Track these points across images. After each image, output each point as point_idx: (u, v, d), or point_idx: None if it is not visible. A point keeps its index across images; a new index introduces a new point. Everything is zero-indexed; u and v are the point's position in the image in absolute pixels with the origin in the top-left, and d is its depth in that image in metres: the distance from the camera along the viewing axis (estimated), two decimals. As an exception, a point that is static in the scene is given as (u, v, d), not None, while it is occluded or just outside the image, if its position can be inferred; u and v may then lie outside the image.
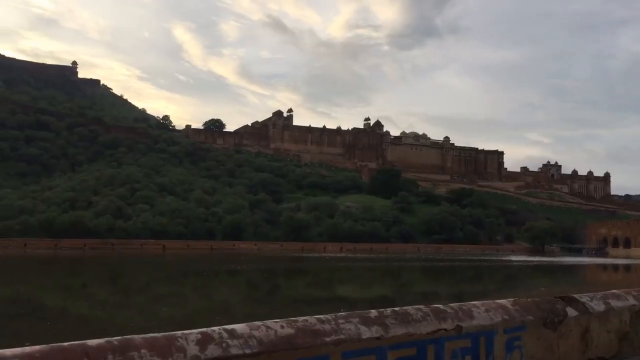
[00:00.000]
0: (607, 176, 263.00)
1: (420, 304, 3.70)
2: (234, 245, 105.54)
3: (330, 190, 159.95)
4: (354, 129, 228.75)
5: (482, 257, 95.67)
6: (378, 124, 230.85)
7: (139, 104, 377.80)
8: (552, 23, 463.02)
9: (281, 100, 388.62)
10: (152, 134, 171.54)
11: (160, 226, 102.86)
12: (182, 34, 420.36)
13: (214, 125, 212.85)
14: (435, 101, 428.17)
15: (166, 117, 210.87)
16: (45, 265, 61.40)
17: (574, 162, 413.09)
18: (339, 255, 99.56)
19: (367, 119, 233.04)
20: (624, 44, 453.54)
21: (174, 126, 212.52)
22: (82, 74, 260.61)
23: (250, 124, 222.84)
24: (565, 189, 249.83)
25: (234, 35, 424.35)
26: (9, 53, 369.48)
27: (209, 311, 25.20)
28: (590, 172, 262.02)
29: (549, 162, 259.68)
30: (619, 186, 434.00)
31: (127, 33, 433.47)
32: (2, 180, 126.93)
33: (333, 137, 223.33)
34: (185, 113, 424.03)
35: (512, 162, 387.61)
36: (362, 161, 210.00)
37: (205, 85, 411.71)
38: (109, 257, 75.48)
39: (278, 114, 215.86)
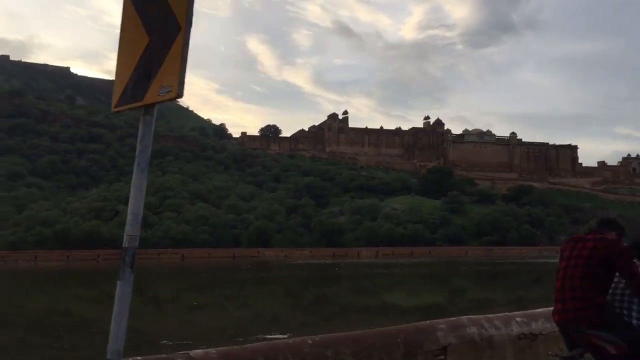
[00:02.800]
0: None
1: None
2: (258, 252, 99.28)
3: (378, 192, 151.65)
4: (413, 128, 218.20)
5: (535, 260, 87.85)
6: (439, 123, 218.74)
7: (217, 117, 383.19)
8: (636, 11, 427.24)
9: (356, 106, 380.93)
10: (202, 142, 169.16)
11: (182, 234, 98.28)
12: (256, 46, 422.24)
13: (270, 131, 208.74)
14: (515, 99, 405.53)
15: (222, 125, 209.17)
16: (57, 277, 58.67)
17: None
18: (373, 260, 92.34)
19: (427, 118, 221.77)
20: None
21: (231, 134, 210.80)
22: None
23: (307, 129, 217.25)
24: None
25: (306, 44, 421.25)
26: (96, 74, 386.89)
27: (258, 321, 24.10)
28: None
29: (629, 155, 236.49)
30: None
31: (205, 48, 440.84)
32: (50, 194, 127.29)
33: (391, 138, 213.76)
34: (262, 124, 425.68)
35: (598, 157, 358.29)
36: (421, 161, 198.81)
37: (281, 95, 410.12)
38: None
39: (333, 116, 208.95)
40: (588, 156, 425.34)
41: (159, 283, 50.51)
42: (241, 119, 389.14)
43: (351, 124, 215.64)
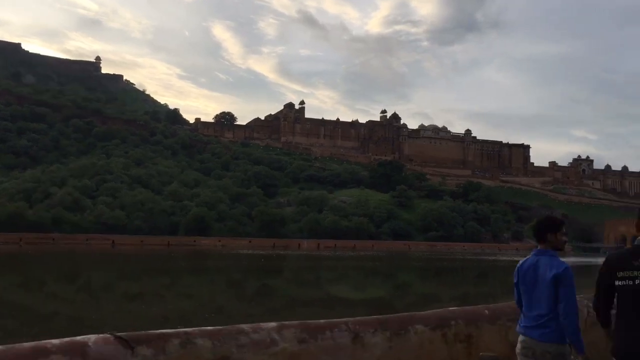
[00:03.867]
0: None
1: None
2: (194, 241, 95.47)
3: (329, 184, 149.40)
4: (369, 121, 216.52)
5: (478, 257, 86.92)
6: (395, 117, 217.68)
7: (179, 103, 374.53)
8: (599, 16, 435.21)
9: (320, 98, 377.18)
10: (152, 127, 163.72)
11: (115, 220, 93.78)
12: (222, 33, 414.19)
13: (225, 119, 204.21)
14: (477, 97, 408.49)
15: (176, 110, 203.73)
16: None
17: (621, 159, 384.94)
18: (313, 253, 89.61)
19: (384, 112, 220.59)
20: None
21: (186, 119, 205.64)
22: (126, 74, 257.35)
23: (263, 117, 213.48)
24: (597, 185, 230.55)
25: (272, 33, 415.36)
26: (56, 53, 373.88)
27: (202, 311, 22.84)
28: (624, 167, 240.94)
29: (579, 156, 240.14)
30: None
31: (168, 32, 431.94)
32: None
33: (347, 130, 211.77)
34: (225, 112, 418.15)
35: (554, 158, 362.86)
36: (376, 155, 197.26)
37: (245, 83, 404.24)
38: (50, 252, 68.02)
39: (289, 106, 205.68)
40: (544, 156, 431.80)
41: (89, 270, 48.56)
42: (204, 106, 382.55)
43: (315, 116, 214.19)
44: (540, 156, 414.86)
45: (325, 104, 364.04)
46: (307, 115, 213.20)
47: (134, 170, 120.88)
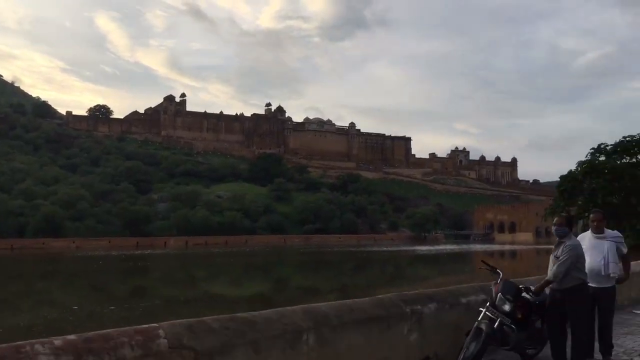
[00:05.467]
0: (514, 162, 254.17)
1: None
2: (43, 243, 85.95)
3: (206, 178, 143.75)
4: (254, 115, 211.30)
5: (355, 248, 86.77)
6: (280, 110, 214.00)
7: (62, 97, 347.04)
8: (478, 15, 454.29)
9: (213, 93, 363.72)
10: (13, 120, 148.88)
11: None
12: (106, 24, 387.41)
13: (100, 112, 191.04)
14: (367, 93, 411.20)
15: (44, 103, 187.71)
16: None
17: (498, 150, 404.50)
18: (180, 251, 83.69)
19: (268, 105, 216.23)
20: (545, 36, 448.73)
21: (58, 113, 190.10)
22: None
23: (143, 111, 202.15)
24: (473, 175, 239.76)
25: (160, 25, 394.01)
26: None
27: (72, 318, 20.42)
28: (497, 158, 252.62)
29: (457, 148, 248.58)
30: (531, 172, 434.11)
31: (48, 22, 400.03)
32: None
33: (231, 123, 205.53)
34: (114, 107, 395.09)
35: (438, 151, 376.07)
36: (261, 148, 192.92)
37: (134, 77, 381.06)
38: None
39: (169, 99, 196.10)
40: (428, 149, 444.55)
41: None
42: (90, 101, 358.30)
43: (209, 111, 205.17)
44: (425, 150, 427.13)
45: (218, 99, 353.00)
46: (197, 109, 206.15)
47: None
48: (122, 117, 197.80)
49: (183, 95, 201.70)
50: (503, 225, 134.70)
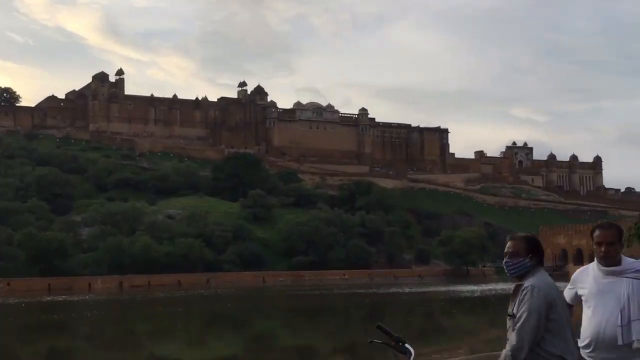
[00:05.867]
0: (598, 162, 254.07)
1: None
2: None
3: (150, 191, 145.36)
4: (222, 99, 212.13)
5: (366, 290, 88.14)
6: (259, 92, 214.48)
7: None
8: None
9: (167, 69, 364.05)
10: None
11: None
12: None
13: (2, 97, 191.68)
14: (385, 66, 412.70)
15: None
16: None
17: (574, 147, 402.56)
18: (110, 297, 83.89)
19: (243, 85, 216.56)
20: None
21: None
22: None
23: (64, 95, 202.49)
24: (539, 182, 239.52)
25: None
26: None
27: None
28: (574, 157, 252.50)
29: (514, 143, 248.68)
30: (622, 178, 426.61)
31: None
32: None
33: (189, 112, 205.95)
34: (25, 91, 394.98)
35: (489, 148, 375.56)
36: (232, 147, 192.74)
37: (54, 48, 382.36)
38: None
39: (101, 77, 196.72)
40: (474, 146, 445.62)
41: None
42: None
43: (158, 94, 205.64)
44: (469, 147, 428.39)
45: (174, 78, 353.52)
46: (142, 92, 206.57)
47: None
48: (33, 105, 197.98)
49: (120, 72, 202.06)
50: (581, 254, 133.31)
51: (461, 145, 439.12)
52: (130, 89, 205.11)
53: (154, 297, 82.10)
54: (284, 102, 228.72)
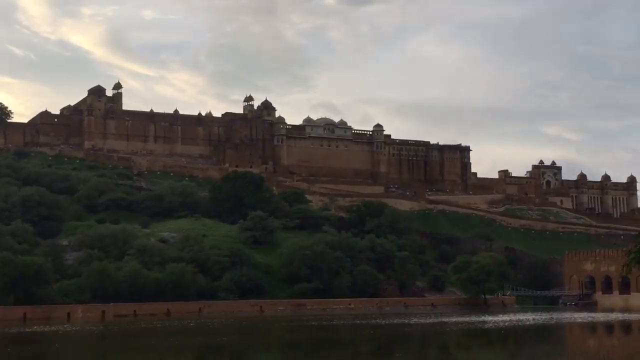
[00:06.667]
0: (632, 183, 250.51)
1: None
2: None
3: (145, 212, 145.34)
4: (227, 114, 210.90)
5: (374, 321, 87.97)
6: (266, 107, 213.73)
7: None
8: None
9: (176, 85, 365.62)
10: None
11: None
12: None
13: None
14: (406, 82, 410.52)
15: None
16: None
17: (608, 166, 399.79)
18: (91, 327, 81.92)
19: (249, 99, 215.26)
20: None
21: None
22: None
23: (59, 111, 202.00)
24: (568, 204, 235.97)
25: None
26: None
27: None
28: (606, 177, 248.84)
29: (541, 162, 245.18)
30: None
31: None
32: None
33: (192, 128, 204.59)
34: (25, 108, 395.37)
35: (515, 168, 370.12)
36: (237, 166, 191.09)
37: (56, 62, 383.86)
38: None
39: (97, 92, 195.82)
40: (499, 165, 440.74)
41: None
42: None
43: (162, 110, 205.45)
44: (493, 166, 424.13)
45: (184, 94, 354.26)
46: (140, 107, 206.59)
47: None
48: (25, 122, 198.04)
49: (118, 85, 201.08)
50: (610, 282, 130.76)
51: (484, 165, 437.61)
52: (135, 105, 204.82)
53: (140, 328, 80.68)
54: (295, 118, 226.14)
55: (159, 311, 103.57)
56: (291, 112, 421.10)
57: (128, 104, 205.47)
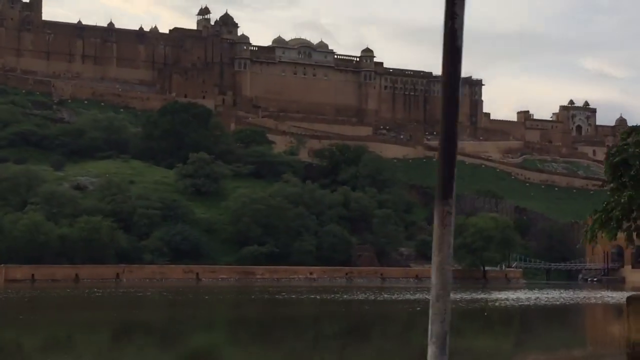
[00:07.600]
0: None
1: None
2: None
3: (58, 150, 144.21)
4: (175, 30, 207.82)
5: (333, 296, 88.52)
6: (226, 22, 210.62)
7: None
8: None
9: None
10: None
11: None
12: None
13: None
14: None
15: None
16: None
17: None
18: None
19: (205, 12, 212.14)
20: None
21: None
22: None
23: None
24: (602, 155, 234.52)
25: None
26: None
27: None
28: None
29: (571, 102, 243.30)
30: None
31: None
32: None
33: (132, 46, 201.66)
34: None
35: (539, 109, 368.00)
36: (186, 96, 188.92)
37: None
38: None
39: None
40: (519, 105, 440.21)
41: None
42: None
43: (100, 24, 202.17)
44: (510, 106, 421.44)
45: (131, 5, 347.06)
46: (65, 18, 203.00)
47: None
48: None
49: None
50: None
51: (500, 105, 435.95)
52: (55, 14, 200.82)
53: (44, 295, 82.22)
54: (265, 39, 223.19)
55: (64, 276, 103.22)
56: (264, 32, 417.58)
57: (50, 13, 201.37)
